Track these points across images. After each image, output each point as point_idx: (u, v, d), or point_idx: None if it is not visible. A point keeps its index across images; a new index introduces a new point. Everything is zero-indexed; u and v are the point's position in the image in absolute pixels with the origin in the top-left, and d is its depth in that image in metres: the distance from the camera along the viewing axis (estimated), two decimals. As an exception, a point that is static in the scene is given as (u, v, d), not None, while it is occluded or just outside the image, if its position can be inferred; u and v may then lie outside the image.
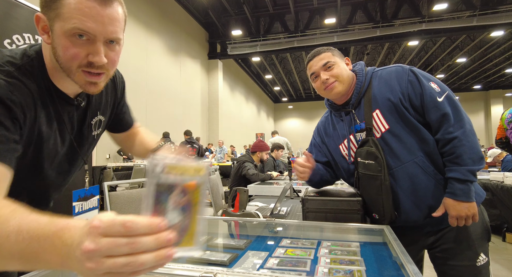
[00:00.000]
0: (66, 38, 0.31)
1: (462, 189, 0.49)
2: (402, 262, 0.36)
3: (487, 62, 8.46)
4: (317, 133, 0.70)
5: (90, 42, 0.32)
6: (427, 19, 5.29)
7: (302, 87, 11.68)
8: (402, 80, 0.54)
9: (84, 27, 0.31)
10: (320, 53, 0.59)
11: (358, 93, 0.58)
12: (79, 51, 0.32)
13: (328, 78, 0.57)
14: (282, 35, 5.98)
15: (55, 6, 0.31)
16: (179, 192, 0.20)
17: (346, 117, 0.61)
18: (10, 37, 0.87)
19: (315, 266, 0.38)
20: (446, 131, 0.51)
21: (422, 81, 0.53)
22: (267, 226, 0.55)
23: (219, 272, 0.31)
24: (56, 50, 0.32)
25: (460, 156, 0.49)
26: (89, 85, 0.34)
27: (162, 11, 4.92)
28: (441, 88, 0.53)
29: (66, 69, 0.33)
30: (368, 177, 0.56)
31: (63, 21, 0.31)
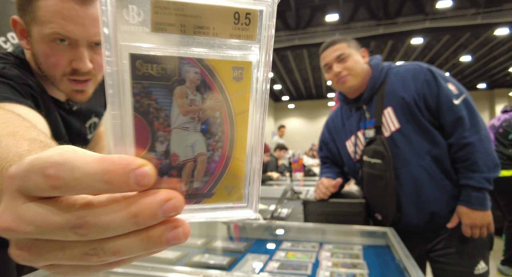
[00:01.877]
0: (45, 44, 0.28)
1: (477, 197, 0.47)
2: (406, 266, 0.35)
3: (491, 60, 8.34)
4: (326, 128, 0.68)
5: (72, 46, 0.29)
6: (430, 17, 5.20)
7: (303, 85, 11.62)
8: (418, 79, 0.52)
9: (64, 31, 0.27)
10: (335, 43, 0.56)
11: (372, 89, 0.55)
12: (60, 58, 0.29)
13: (340, 70, 0.55)
14: (282, 33, 5.93)
15: (30, 9, 0.27)
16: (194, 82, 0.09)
17: (356, 113, 0.58)
18: (4, 35, 0.86)
19: (317, 270, 0.37)
20: (460, 136, 0.49)
21: (439, 81, 0.51)
22: (267, 229, 0.55)
23: (218, 276, 0.30)
24: (36, 57, 0.30)
25: (475, 163, 0.48)
26: (76, 93, 0.31)
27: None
28: (459, 90, 0.51)
29: (50, 77, 0.30)
30: (373, 176, 0.55)
31: (40, 25, 0.27)
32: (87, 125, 0.41)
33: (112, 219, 0.08)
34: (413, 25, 5.34)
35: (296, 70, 9.28)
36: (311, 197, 0.60)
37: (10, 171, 0.08)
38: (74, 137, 0.38)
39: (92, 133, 0.43)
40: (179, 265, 0.39)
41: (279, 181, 1.63)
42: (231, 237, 0.57)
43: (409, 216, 0.52)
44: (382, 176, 0.53)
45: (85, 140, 0.41)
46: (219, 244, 0.48)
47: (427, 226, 0.53)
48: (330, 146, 0.67)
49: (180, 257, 0.41)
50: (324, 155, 0.69)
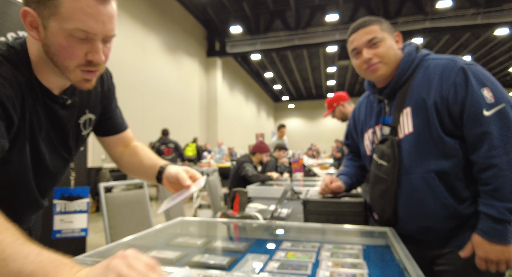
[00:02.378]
0: (64, 38, 0.30)
1: (497, 229, 0.40)
2: (406, 266, 0.35)
3: (491, 60, 8.37)
4: (353, 115, 0.62)
5: (89, 40, 0.31)
6: (430, 17, 5.21)
7: (303, 86, 11.63)
8: (447, 79, 0.44)
9: (87, 27, 0.30)
10: (367, 25, 0.49)
11: (396, 83, 0.49)
12: (77, 51, 0.31)
13: (371, 57, 0.48)
14: (282, 33, 5.93)
15: (51, 4, 0.29)
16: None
17: (378, 105, 0.53)
18: (4, 35, 0.86)
19: (317, 270, 0.37)
20: (485, 155, 0.41)
21: (471, 85, 0.42)
22: (267, 229, 0.55)
23: (218, 276, 0.31)
24: (49, 48, 0.31)
25: (499, 190, 0.40)
26: (84, 82, 0.34)
27: (159, 8, 4.85)
28: (496, 99, 0.42)
29: (63, 67, 0.32)
30: (376, 177, 0.52)
31: (62, 20, 0.30)
32: (81, 121, 0.41)
33: None
34: (413, 25, 5.35)
35: (296, 70, 9.28)
36: (311, 197, 0.60)
37: None
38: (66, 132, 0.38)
39: (87, 129, 0.43)
40: (178, 265, 0.38)
41: (279, 181, 1.63)
42: (231, 237, 0.57)
43: (404, 224, 0.50)
44: (384, 179, 0.50)
45: (79, 137, 0.41)
46: (219, 244, 0.48)
47: (423, 237, 0.49)
48: (353, 135, 0.62)
49: (180, 257, 0.41)
50: (349, 143, 0.65)
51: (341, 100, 1.31)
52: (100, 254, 0.38)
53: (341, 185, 0.60)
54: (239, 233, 0.57)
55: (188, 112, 5.72)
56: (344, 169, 0.65)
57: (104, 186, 0.90)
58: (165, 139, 3.27)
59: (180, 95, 5.41)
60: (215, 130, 6.47)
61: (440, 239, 0.48)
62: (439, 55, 0.49)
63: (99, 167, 2.89)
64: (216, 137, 6.25)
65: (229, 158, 5.06)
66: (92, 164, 3.11)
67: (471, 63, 0.45)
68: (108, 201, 0.89)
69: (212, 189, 1.57)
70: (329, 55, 8.10)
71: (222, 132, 6.72)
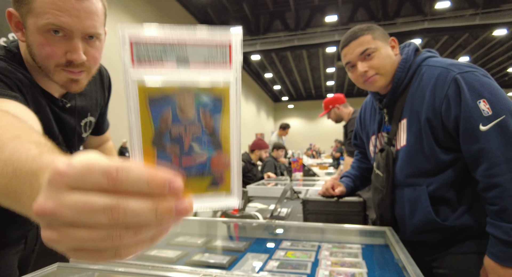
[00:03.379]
0: (40, 35, 0.29)
1: (508, 252, 0.37)
2: (404, 265, 0.35)
3: (489, 61, 8.39)
4: (359, 117, 0.60)
5: (67, 38, 0.29)
6: (429, 17, 5.23)
7: (302, 86, 11.63)
8: (439, 92, 0.41)
9: (59, 22, 0.28)
10: (358, 36, 0.46)
11: (393, 93, 0.47)
12: (55, 49, 0.29)
13: (367, 70, 0.45)
14: (282, 33, 5.95)
15: (26, 1, 0.28)
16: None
17: (380, 111, 0.51)
18: (5, 36, 0.86)
19: (316, 269, 0.37)
20: (486, 173, 0.38)
21: (464, 97, 0.38)
22: (267, 228, 0.54)
23: (218, 275, 0.31)
24: (31, 48, 0.30)
25: (506, 211, 0.37)
26: (70, 83, 0.32)
27: (160, 9, 4.89)
28: (494, 110, 0.37)
29: (44, 68, 0.31)
30: (374, 187, 0.53)
31: (35, 16, 0.28)
32: (82, 123, 0.40)
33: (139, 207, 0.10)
34: (412, 25, 5.36)
35: (295, 70, 9.29)
36: (311, 197, 0.60)
37: (60, 169, 0.10)
38: (68, 134, 0.38)
39: (87, 132, 0.42)
40: (179, 264, 0.39)
41: (278, 181, 1.64)
42: (231, 236, 0.57)
43: (398, 231, 0.50)
44: (380, 190, 0.50)
45: (80, 139, 0.41)
46: (219, 244, 0.48)
47: (419, 245, 0.49)
48: (361, 135, 0.61)
49: (180, 256, 0.41)
50: (357, 143, 0.64)
51: (337, 103, 1.32)
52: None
53: (343, 190, 0.59)
54: (239, 232, 0.58)
55: (188, 113, 5.79)
56: (349, 171, 0.64)
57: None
58: None
59: (180, 96, 5.48)
60: (215, 130, 6.47)
61: (434, 247, 0.48)
62: (437, 61, 0.45)
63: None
64: (216, 137, 6.24)
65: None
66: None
67: (468, 70, 0.41)
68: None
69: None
70: (328, 56, 8.12)
71: (222, 132, 6.71)
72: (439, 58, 0.46)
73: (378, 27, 0.48)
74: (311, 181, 1.60)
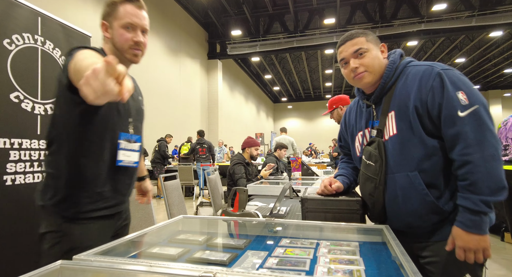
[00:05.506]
0: (121, 29, 0.53)
1: (474, 220, 0.43)
2: (401, 262, 0.36)
3: (486, 62, 8.49)
4: (344, 119, 0.66)
5: (133, 30, 0.54)
6: (426, 19, 5.31)
7: (301, 87, 11.68)
8: (425, 84, 0.47)
9: (132, 21, 0.53)
10: (353, 37, 0.53)
11: (381, 89, 0.53)
12: (129, 36, 0.53)
13: (357, 66, 0.52)
14: (281, 35, 5.99)
15: (114, 13, 0.54)
16: None
17: (367, 110, 0.57)
18: (9, 37, 0.87)
19: (315, 266, 0.38)
20: (461, 152, 0.44)
21: (447, 89, 0.45)
22: (266, 226, 0.55)
23: (219, 271, 0.31)
24: (114, 39, 0.54)
25: (474, 184, 0.43)
26: (134, 57, 0.55)
27: (161, 11, 4.91)
28: (470, 100, 0.44)
29: (121, 48, 0.54)
30: (366, 177, 0.55)
31: (119, 19, 0.53)
32: (138, 98, 0.64)
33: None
34: (409, 27, 5.42)
35: (294, 71, 9.33)
36: (310, 195, 0.61)
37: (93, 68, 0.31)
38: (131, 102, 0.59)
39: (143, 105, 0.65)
40: (180, 261, 0.39)
41: (278, 180, 1.64)
42: (231, 234, 0.57)
43: (390, 220, 0.52)
44: (373, 178, 0.53)
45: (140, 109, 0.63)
46: (219, 241, 0.49)
47: (410, 231, 0.51)
48: (345, 137, 0.65)
49: (181, 253, 0.42)
50: (342, 145, 0.68)
51: (341, 104, 1.34)
52: (104, 251, 0.39)
53: (340, 185, 0.61)
54: (239, 230, 0.58)
55: (190, 113, 5.75)
56: (340, 171, 0.67)
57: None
58: (200, 139, 3.58)
59: (182, 96, 5.45)
60: (216, 130, 6.50)
61: (424, 233, 0.50)
62: (421, 62, 0.52)
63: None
64: (217, 137, 6.28)
65: (229, 158, 5.15)
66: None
67: (448, 68, 0.48)
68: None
69: (213, 187, 1.57)
70: (327, 57, 8.17)
71: (223, 132, 6.74)
72: (421, 61, 0.53)
73: (372, 33, 0.55)
74: (310, 180, 1.62)
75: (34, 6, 0.94)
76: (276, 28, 6.35)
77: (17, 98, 0.86)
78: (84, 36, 1.13)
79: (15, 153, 0.85)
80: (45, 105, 0.95)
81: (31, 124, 0.90)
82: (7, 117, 0.83)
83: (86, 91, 0.29)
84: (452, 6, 5.57)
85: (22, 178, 0.86)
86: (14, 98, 0.86)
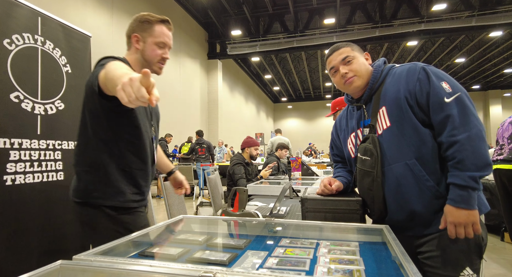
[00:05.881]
0: (154, 45, 0.63)
1: (462, 195, 0.46)
2: (401, 262, 0.36)
3: (486, 62, 8.49)
4: (334, 127, 0.70)
5: (163, 48, 0.64)
6: (426, 19, 5.31)
7: (301, 87, 11.68)
8: (412, 78, 0.52)
9: (165, 41, 0.64)
10: (339, 48, 0.59)
11: (371, 89, 0.57)
12: (159, 52, 0.64)
13: (347, 72, 0.57)
14: (281, 35, 5.99)
15: (149, 30, 0.63)
16: None
17: (357, 112, 0.61)
18: (9, 37, 0.87)
19: (314, 266, 0.38)
20: (449, 134, 0.48)
21: (432, 79, 0.50)
22: (266, 226, 0.55)
23: (219, 271, 0.31)
24: (145, 53, 0.63)
25: (462, 161, 0.46)
26: (159, 69, 0.66)
27: (161, 11, 4.93)
28: (453, 89, 0.49)
29: (150, 61, 0.63)
30: (363, 172, 0.57)
31: (154, 37, 0.63)
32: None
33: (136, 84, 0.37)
34: (409, 27, 5.42)
35: (294, 71, 9.34)
36: (309, 195, 0.61)
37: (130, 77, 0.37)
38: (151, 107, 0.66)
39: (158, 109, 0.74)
40: (180, 261, 0.39)
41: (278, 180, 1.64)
42: (231, 234, 0.58)
43: (392, 213, 0.53)
44: (370, 172, 0.54)
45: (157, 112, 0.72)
46: (219, 241, 0.49)
47: (410, 224, 0.52)
48: (337, 144, 0.69)
49: (181, 253, 0.42)
50: (334, 153, 0.72)
51: (344, 105, 1.36)
52: (104, 251, 0.39)
53: (340, 184, 0.63)
54: (239, 230, 0.58)
55: (190, 113, 5.76)
56: (337, 174, 0.69)
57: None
58: (199, 139, 3.65)
59: (182, 96, 5.45)
60: (216, 130, 6.50)
61: (425, 223, 0.51)
62: (403, 64, 0.57)
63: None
64: (217, 137, 6.28)
65: (229, 158, 5.15)
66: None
67: (429, 65, 0.53)
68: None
69: (213, 187, 1.58)
70: (327, 57, 8.07)
71: (223, 132, 6.75)
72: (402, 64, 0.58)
73: (355, 44, 0.61)
74: (310, 180, 1.63)
75: (34, 6, 0.94)
76: (276, 28, 6.35)
77: (17, 98, 0.87)
78: (84, 36, 1.13)
79: (15, 153, 0.85)
80: (45, 105, 0.95)
81: (31, 124, 0.90)
82: (7, 117, 0.84)
83: (121, 95, 0.36)
84: (452, 6, 5.57)
85: (22, 178, 0.86)
86: (14, 98, 0.86)
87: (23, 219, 0.85)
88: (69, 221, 0.99)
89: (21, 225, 0.84)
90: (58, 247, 0.93)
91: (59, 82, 1.01)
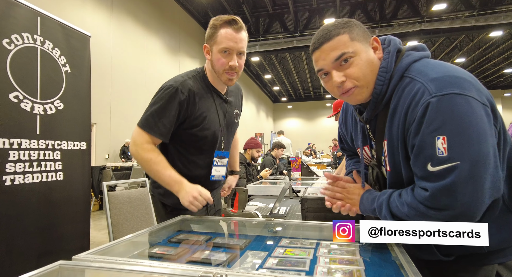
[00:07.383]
0: (218, 53, 0.57)
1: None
2: (401, 262, 0.36)
3: (485, 62, 8.50)
4: (341, 119, 0.54)
5: (229, 54, 0.57)
6: (426, 19, 5.31)
7: (301, 87, 11.68)
8: (412, 111, 0.33)
9: (228, 46, 0.56)
10: (332, 36, 0.36)
11: (374, 109, 0.39)
12: (225, 61, 0.57)
13: (344, 80, 0.36)
14: (281, 35, 6.00)
15: (213, 37, 0.57)
16: None
17: (361, 125, 0.44)
18: (9, 37, 0.87)
19: (314, 266, 0.38)
20: None
21: (423, 129, 0.32)
22: (266, 226, 0.55)
23: (219, 272, 0.31)
24: (213, 62, 0.58)
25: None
26: (229, 80, 0.59)
27: (161, 11, 4.90)
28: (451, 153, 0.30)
29: (217, 72, 0.58)
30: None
31: (217, 44, 0.56)
32: (234, 112, 0.69)
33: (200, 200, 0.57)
34: (409, 27, 5.42)
35: (294, 71, 9.34)
36: (309, 195, 0.61)
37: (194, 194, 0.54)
38: (226, 119, 0.65)
39: (237, 119, 0.70)
40: (180, 261, 0.39)
41: (278, 180, 1.64)
42: (231, 234, 0.57)
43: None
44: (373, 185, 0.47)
45: (232, 123, 0.68)
46: (219, 241, 0.49)
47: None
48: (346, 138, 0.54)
49: (181, 253, 0.42)
50: (344, 147, 0.58)
51: None
52: (103, 251, 0.39)
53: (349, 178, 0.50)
54: (239, 230, 0.58)
55: (188, 113, 5.78)
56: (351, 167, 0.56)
57: (107, 184, 0.91)
58: None
59: (180, 96, 5.48)
60: (215, 131, 6.45)
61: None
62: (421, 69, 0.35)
63: (102, 165, 2.88)
64: (216, 137, 6.23)
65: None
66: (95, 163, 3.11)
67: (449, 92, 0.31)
68: (111, 200, 0.89)
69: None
70: (327, 57, 8.05)
71: (222, 133, 6.69)
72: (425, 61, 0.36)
73: (357, 23, 0.37)
74: (310, 180, 1.63)
75: (33, 6, 0.93)
76: (276, 28, 6.34)
77: (16, 98, 0.86)
78: (84, 36, 1.12)
79: (14, 153, 0.85)
80: (44, 105, 0.95)
81: (31, 124, 0.90)
82: (6, 117, 0.83)
83: (191, 209, 0.51)
84: (452, 6, 5.57)
85: (21, 178, 0.86)
86: (13, 98, 0.85)
87: (22, 219, 0.85)
88: (68, 221, 0.99)
89: (20, 225, 0.84)
90: (57, 247, 0.92)
91: (59, 82, 1.00)
